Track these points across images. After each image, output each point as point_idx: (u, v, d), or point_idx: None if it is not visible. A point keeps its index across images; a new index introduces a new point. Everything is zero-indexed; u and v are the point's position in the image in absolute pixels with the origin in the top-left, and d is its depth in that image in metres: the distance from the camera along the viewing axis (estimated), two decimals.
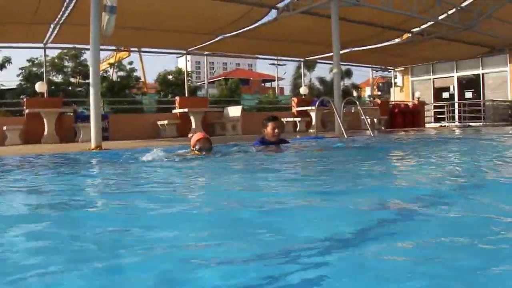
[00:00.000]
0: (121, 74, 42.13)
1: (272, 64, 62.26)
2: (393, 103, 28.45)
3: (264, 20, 18.69)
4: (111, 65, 42.94)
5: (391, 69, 33.70)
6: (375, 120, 23.07)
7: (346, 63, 29.33)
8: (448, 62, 31.22)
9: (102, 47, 12.92)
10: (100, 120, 11.37)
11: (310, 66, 46.15)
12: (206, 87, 28.98)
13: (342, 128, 13.62)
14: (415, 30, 22.52)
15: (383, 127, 23.82)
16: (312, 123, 20.66)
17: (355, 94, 52.63)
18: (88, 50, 11.78)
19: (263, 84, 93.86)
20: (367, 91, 59.10)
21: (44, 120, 15.90)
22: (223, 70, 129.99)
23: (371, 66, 31.63)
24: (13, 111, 22.52)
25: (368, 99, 39.59)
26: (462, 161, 6.85)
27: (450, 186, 4.01)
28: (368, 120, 16.66)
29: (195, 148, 7.40)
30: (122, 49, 32.31)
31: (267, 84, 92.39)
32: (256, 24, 18.97)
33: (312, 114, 20.96)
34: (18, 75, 39.81)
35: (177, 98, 20.58)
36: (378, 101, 28.52)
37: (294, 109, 23.00)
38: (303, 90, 24.64)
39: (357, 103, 19.08)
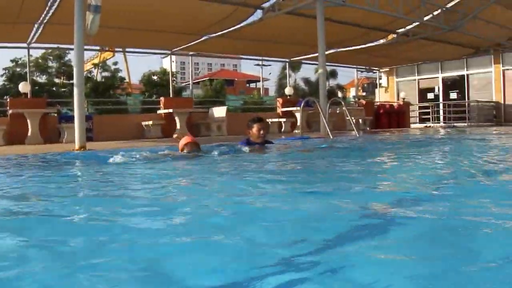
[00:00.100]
0: (105, 74, 42.03)
1: (257, 64, 62.11)
2: (378, 103, 28.54)
3: (249, 20, 18.64)
4: (96, 65, 42.66)
5: (376, 69, 33.76)
6: (360, 120, 23.12)
7: (331, 64, 29.31)
8: (433, 63, 31.37)
9: (86, 47, 12.85)
10: (84, 120, 11.29)
11: (295, 66, 46.35)
12: (191, 88, 28.92)
13: (328, 128, 13.63)
14: (400, 30, 22.57)
15: (368, 128, 23.88)
16: (297, 123, 20.67)
17: (340, 94, 52.88)
18: (72, 50, 11.72)
19: (248, 84, 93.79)
20: (352, 92, 59.30)
21: (28, 120, 15.79)
22: (208, 71, 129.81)
23: (356, 66, 31.66)
24: None
25: (353, 100, 39.67)
26: (445, 161, 6.85)
27: (431, 187, 3.97)
28: (353, 121, 16.66)
29: (183, 152, 7.45)
30: (107, 49, 32.19)
31: (252, 85, 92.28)
32: (241, 24, 18.90)
33: (297, 114, 20.97)
34: (2, 76, 39.74)
35: (161, 99, 20.53)
36: (363, 101, 28.61)
37: (279, 109, 23.01)
38: (288, 91, 24.65)
39: (342, 103, 19.14)
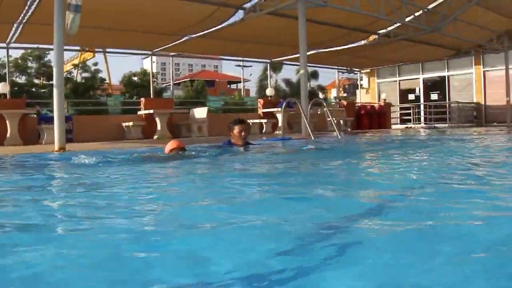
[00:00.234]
0: (85, 75, 41.83)
1: (238, 65, 62.34)
2: (359, 104, 28.58)
3: (231, 20, 18.60)
4: (76, 66, 42.51)
5: (357, 70, 33.85)
6: (341, 121, 23.12)
7: (312, 65, 29.33)
8: (414, 64, 31.53)
9: (66, 47, 12.73)
10: (64, 121, 11.20)
11: (276, 67, 46.32)
12: (171, 89, 28.86)
13: (309, 129, 13.61)
14: (381, 31, 22.65)
15: (349, 129, 23.90)
16: (279, 124, 20.65)
17: (321, 95, 52.96)
18: (52, 50, 11.60)
19: (229, 85, 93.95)
20: (333, 93, 59.44)
21: (7, 121, 15.63)
22: (189, 72, 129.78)
23: (337, 67, 31.72)
24: None
25: (334, 101, 39.75)
26: (424, 162, 6.91)
27: (410, 190, 3.98)
28: (335, 122, 16.65)
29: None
30: (87, 49, 32.02)
31: (233, 86, 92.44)
32: (222, 25, 18.85)
33: (278, 115, 20.94)
34: None
35: (142, 100, 20.42)
36: (344, 102, 28.62)
37: (260, 110, 22.97)
38: (269, 92, 24.62)
39: (323, 104, 19.12)
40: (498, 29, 24.30)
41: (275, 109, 21.54)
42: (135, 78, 42.29)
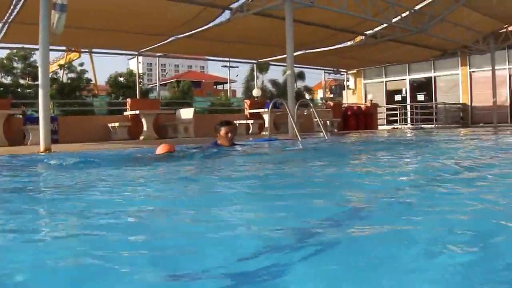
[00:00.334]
0: (71, 75, 41.52)
1: (225, 66, 62.28)
2: (346, 105, 28.63)
3: (217, 21, 18.55)
4: (61, 66, 42.22)
5: (344, 71, 33.87)
6: (328, 122, 23.11)
7: (299, 66, 29.34)
8: (401, 65, 31.61)
9: (52, 47, 12.63)
10: (49, 122, 11.15)
11: (262, 68, 46.29)
12: (158, 89, 28.77)
13: (296, 130, 13.59)
14: (368, 32, 22.68)
15: (335, 129, 23.91)
16: (265, 125, 20.63)
17: (307, 96, 52.96)
18: (37, 50, 11.51)
19: (215, 86, 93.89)
20: (320, 94, 59.46)
21: None
22: (175, 73, 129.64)
23: (323, 68, 31.74)
24: None
25: (320, 102, 39.75)
26: (409, 163, 6.91)
27: (393, 192, 3.94)
28: (321, 122, 16.65)
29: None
30: (73, 49, 31.87)
31: (219, 87, 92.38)
32: (209, 25, 18.80)
33: (265, 116, 20.93)
34: None
35: (128, 100, 20.36)
36: (331, 103, 28.66)
37: (247, 111, 22.94)
38: (255, 92, 24.62)
39: (310, 105, 19.11)
40: (484, 30, 24.39)
41: (261, 110, 21.52)
42: (121, 79, 42.05)
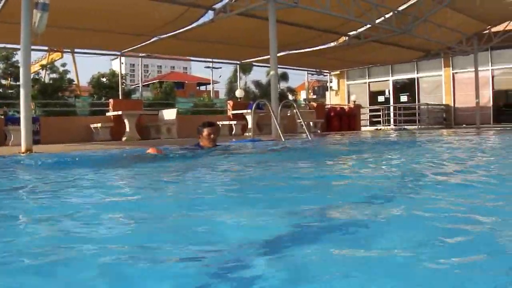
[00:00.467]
0: (53, 76, 41.29)
1: (208, 67, 62.35)
2: (329, 106, 28.67)
3: (200, 21, 18.49)
4: (44, 66, 41.98)
5: (327, 72, 33.92)
6: (311, 123, 23.11)
7: (282, 66, 29.36)
8: (384, 66, 31.70)
9: (34, 47, 12.55)
10: (31, 123, 11.04)
11: (245, 69, 46.37)
12: (140, 90, 28.69)
13: (279, 131, 13.56)
14: (352, 33, 22.70)
15: (319, 130, 23.92)
16: (248, 126, 20.59)
17: (290, 97, 53.05)
18: (19, 50, 11.42)
19: (198, 87, 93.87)
20: (303, 95, 59.58)
21: None
22: (158, 73, 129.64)
23: (307, 69, 31.79)
24: None
25: (303, 103, 39.82)
26: (391, 164, 6.93)
27: (374, 193, 3.95)
28: (305, 123, 16.64)
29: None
30: (55, 50, 31.68)
31: (202, 87, 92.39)
32: (192, 25, 18.72)
33: (248, 117, 20.88)
34: None
35: (110, 101, 20.23)
36: (314, 104, 28.69)
37: (230, 112, 22.89)
38: (238, 93, 24.57)
39: (294, 105, 19.13)
40: (468, 31, 24.51)
41: (244, 110, 21.48)
42: (104, 80, 41.96)
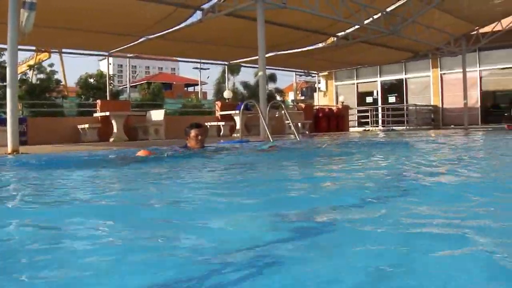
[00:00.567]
0: (41, 76, 41.08)
1: (196, 68, 62.32)
2: (317, 107, 28.69)
3: (188, 21, 18.41)
4: (31, 67, 41.79)
5: (315, 73, 33.93)
6: (299, 124, 23.10)
7: (270, 67, 29.33)
8: (372, 67, 31.76)
9: (21, 47, 12.49)
10: (18, 123, 10.96)
11: (234, 70, 46.39)
12: (128, 91, 28.58)
13: (268, 132, 13.53)
14: (340, 34, 22.71)
15: (307, 131, 23.91)
16: (237, 127, 20.55)
17: (278, 98, 53.08)
18: (6, 50, 11.33)
19: (186, 88, 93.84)
20: (291, 96, 59.59)
21: None
22: (146, 74, 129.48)
23: (295, 70, 31.80)
24: None
25: (291, 104, 39.84)
26: (379, 165, 6.92)
27: (360, 195, 3.90)
28: (293, 124, 16.61)
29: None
30: (42, 50, 31.54)
31: (190, 89, 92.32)
32: (180, 26, 18.63)
33: (236, 118, 20.84)
34: None
35: (98, 102, 20.16)
36: (302, 105, 28.73)
37: (218, 113, 22.85)
38: (226, 94, 24.56)
39: (282, 106, 19.09)
40: (456, 32, 24.60)
41: (232, 111, 21.45)
42: (92, 80, 41.82)
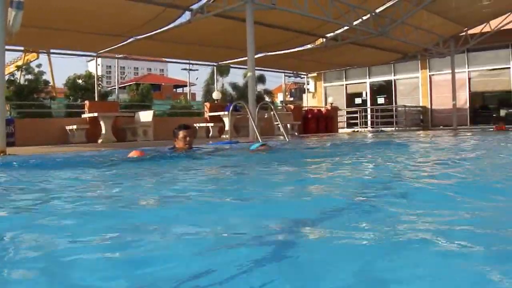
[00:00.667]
0: (29, 77, 40.85)
1: (184, 69, 62.16)
2: (306, 108, 28.71)
3: (177, 22, 18.36)
4: (19, 67, 41.58)
5: (304, 75, 33.96)
6: (288, 125, 23.07)
7: (259, 68, 29.31)
8: (361, 68, 31.80)
9: (8, 47, 12.40)
10: (5, 124, 10.86)
11: (223, 71, 46.32)
12: (117, 92, 28.53)
13: (257, 133, 13.48)
14: (329, 35, 22.72)
15: (296, 133, 23.89)
16: (225, 128, 20.51)
17: (267, 99, 53.10)
18: None
19: (175, 89, 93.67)
20: (280, 97, 59.61)
21: None
22: (134, 75, 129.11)
23: (284, 71, 31.83)
24: None
25: (280, 105, 39.83)
26: (366, 167, 6.90)
27: (347, 196, 3.86)
28: (282, 126, 16.58)
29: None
30: (30, 50, 31.41)
31: (179, 90, 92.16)
32: (169, 26, 18.58)
33: (225, 119, 20.80)
34: None
35: (86, 102, 20.08)
36: (291, 106, 28.73)
37: (207, 114, 22.80)
38: (215, 95, 24.53)
39: (271, 107, 19.08)
40: (445, 33, 24.68)
41: (221, 113, 21.41)
42: (80, 81, 41.64)
